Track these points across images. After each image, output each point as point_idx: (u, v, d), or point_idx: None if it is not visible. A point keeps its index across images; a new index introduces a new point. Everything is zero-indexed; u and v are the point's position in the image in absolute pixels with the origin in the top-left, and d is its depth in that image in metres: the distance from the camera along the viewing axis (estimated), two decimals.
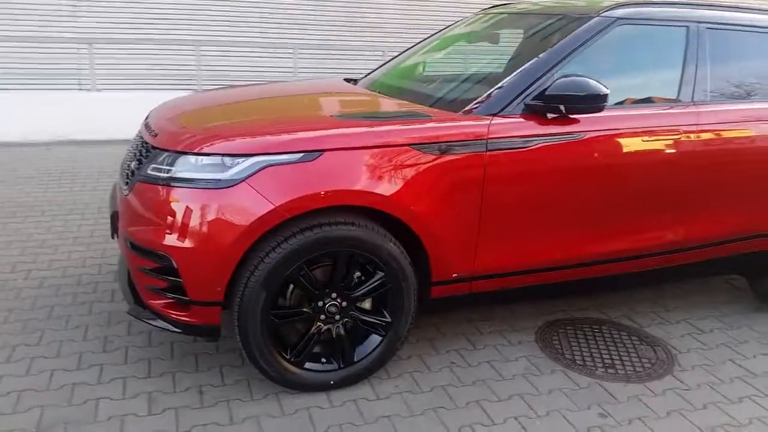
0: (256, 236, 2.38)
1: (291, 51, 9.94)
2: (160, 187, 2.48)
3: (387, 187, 2.50)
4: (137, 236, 2.52)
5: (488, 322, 3.40)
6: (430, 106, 2.86)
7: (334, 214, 2.47)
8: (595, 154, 2.83)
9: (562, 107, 2.65)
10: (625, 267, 3.10)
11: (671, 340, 3.31)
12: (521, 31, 3.28)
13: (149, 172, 2.54)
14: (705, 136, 3.04)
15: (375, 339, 2.71)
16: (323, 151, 2.44)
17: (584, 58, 2.86)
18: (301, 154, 2.42)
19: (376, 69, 4.04)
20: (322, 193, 2.41)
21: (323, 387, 2.67)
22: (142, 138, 2.83)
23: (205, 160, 2.44)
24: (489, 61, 3.22)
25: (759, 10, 3.42)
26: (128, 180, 2.68)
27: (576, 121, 2.76)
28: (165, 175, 2.48)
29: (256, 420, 2.50)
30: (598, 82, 2.63)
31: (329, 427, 2.48)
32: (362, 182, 2.47)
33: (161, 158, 2.52)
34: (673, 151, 2.98)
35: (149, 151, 2.62)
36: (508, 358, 3.06)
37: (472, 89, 2.92)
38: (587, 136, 2.80)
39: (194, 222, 2.38)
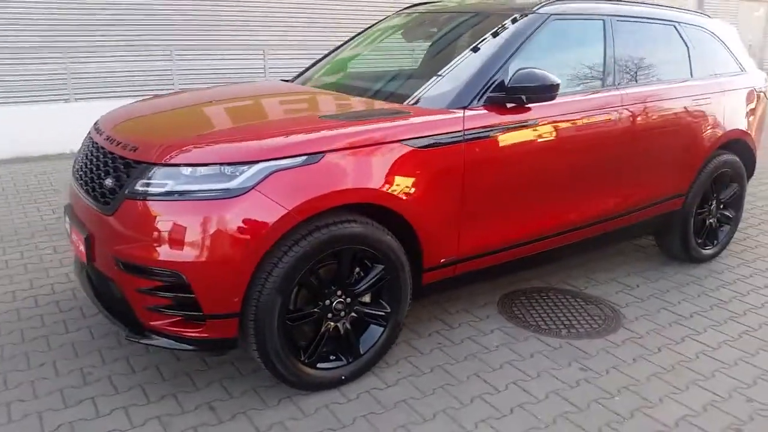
0: (271, 242, 2.39)
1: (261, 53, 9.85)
2: (156, 203, 2.39)
3: (384, 183, 2.61)
4: (133, 256, 2.41)
5: (453, 303, 3.62)
6: (402, 103, 3.00)
7: (338, 213, 2.54)
8: (549, 137, 3.14)
9: (523, 97, 2.92)
10: (575, 236, 3.46)
11: (609, 298, 3.75)
12: (457, 28, 3.51)
13: (138, 188, 2.43)
14: (627, 113, 3.48)
15: (377, 330, 2.81)
16: (324, 152, 2.50)
17: (527, 52, 3.15)
18: (305, 157, 2.46)
19: (310, 68, 4.10)
20: (329, 193, 2.48)
21: (335, 383, 2.73)
22: (105, 151, 2.69)
23: (203, 170, 2.40)
24: (435, 57, 3.40)
25: (649, 3, 3.96)
26: (107, 199, 2.54)
27: (529, 109, 3.05)
28: (160, 190, 2.40)
29: (282, 425, 2.51)
30: (549, 73, 2.93)
31: (354, 419, 2.55)
32: (363, 180, 2.57)
33: (151, 173, 2.43)
34: (607, 128, 3.39)
35: (131, 167, 2.50)
36: (484, 331, 3.30)
37: (436, 85, 3.09)
38: (540, 122, 3.10)
39: (205, 234, 2.34)
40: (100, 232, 2.57)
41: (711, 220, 4.27)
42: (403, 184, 2.66)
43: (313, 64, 4.16)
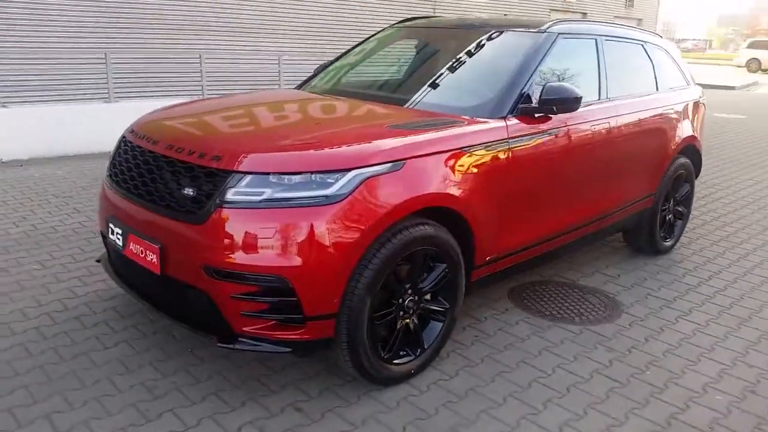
0: (366, 245, 2.52)
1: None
2: (255, 211, 2.45)
3: (452, 187, 2.82)
4: (230, 263, 2.45)
5: (470, 298, 3.86)
6: (453, 113, 3.21)
7: (414, 216, 2.72)
8: (570, 144, 3.50)
9: (555, 108, 3.24)
10: (582, 232, 3.84)
11: (601, 287, 4.17)
12: (474, 41, 3.78)
13: (231, 197, 2.47)
14: (621, 122, 3.93)
15: (437, 325, 3.00)
16: (405, 159, 2.66)
17: (543, 67, 3.48)
18: (391, 164, 2.61)
19: (314, 76, 4.20)
20: (413, 198, 2.65)
21: (406, 377, 2.89)
22: (171, 160, 2.68)
23: (298, 178, 2.49)
24: (463, 69, 3.64)
25: (626, 25, 4.45)
26: (191, 208, 2.55)
27: (550, 119, 3.37)
28: (258, 198, 2.46)
29: (374, 419, 2.63)
30: (574, 86, 3.27)
31: (437, 408, 2.73)
32: (437, 185, 2.77)
33: (244, 182, 2.48)
34: (607, 135, 3.80)
35: (217, 176, 2.53)
36: (510, 323, 3.58)
37: (474, 97, 3.34)
38: (563, 130, 3.44)
39: (309, 239, 2.43)
40: (182, 241, 2.57)
41: (669, 216, 4.83)
42: (463, 188, 2.88)
43: (317, 72, 4.27)
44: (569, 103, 3.23)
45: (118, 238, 2.87)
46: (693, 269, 4.58)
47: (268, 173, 2.49)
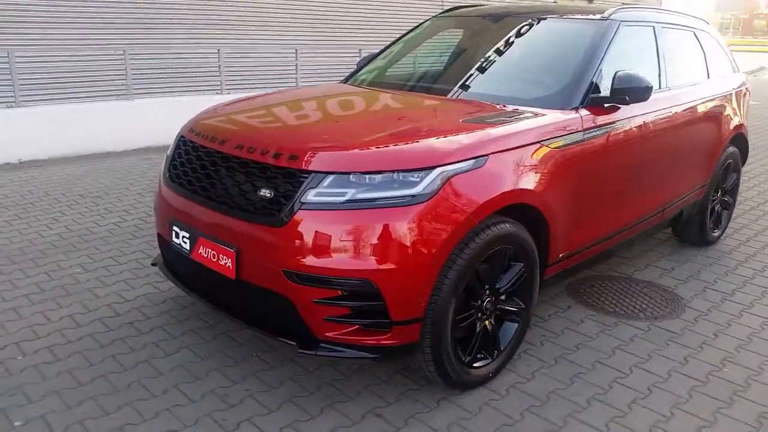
0: (453, 245, 2.42)
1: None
2: (340, 212, 2.35)
3: (532, 182, 2.72)
4: (313, 267, 2.35)
5: None
6: (515, 104, 3.10)
7: (497, 214, 2.61)
8: (638, 135, 3.39)
9: (627, 98, 3.12)
10: (645, 225, 3.74)
11: (658, 281, 4.08)
12: (531, 30, 3.66)
13: (313, 198, 2.37)
14: (681, 111, 3.82)
15: (512, 326, 2.91)
16: (488, 155, 2.56)
17: (608, 56, 3.37)
18: (473, 161, 2.50)
19: (360, 69, 4.09)
20: (497, 195, 2.55)
21: (484, 381, 2.80)
22: (242, 161, 2.57)
23: (380, 177, 2.38)
24: (524, 59, 3.52)
25: (677, 12, 4.33)
26: (269, 210, 2.44)
27: (618, 108, 3.26)
28: (341, 198, 2.35)
29: (459, 424, 2.54)
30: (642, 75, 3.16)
31: (522, 413, 2.63)
32: (518, 181, 2.66)
33: (326, 182, 2.37)
34: (669, 124, 3.70)
35: (296, 176, 2.41)
36: (575, 320, 3.49)
37: (543, 88, 3.23)
38: (631, 121, 3.33)
39: (396, 241, 2.32)
40: (260, 245, 2.46)
41: (717, 207, 4.74)
42: (542, 183, 2.78)
43: (363, 65, 4.15)
44: (641, 92, 3.11)
45: (185, 242, 2.76)
46: (744, 260, 4.49)
47: (349, 173, 2.38)
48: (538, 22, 3.65)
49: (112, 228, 4.76)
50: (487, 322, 2.77)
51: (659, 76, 3.76)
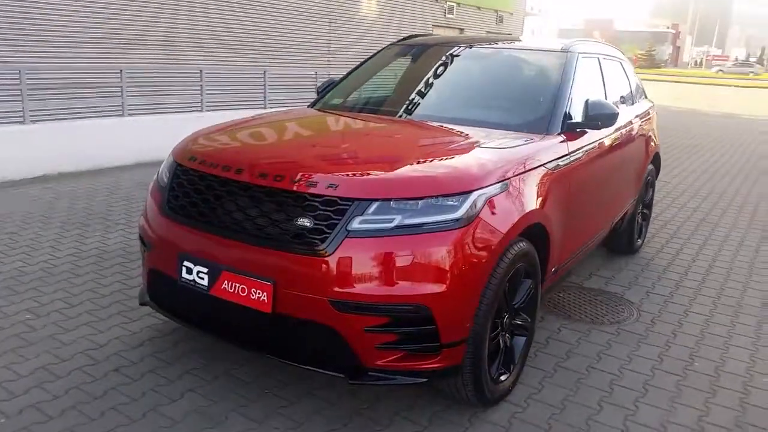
0: (492, 266, 2.52)
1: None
2: (389, 239, 2.36)
3: (540, 203, 2.90)
4: (365, 295, 2.34)
5: None
6: (505, 130, 3.27)
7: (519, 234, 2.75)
8: (601, 154, 3.71)
9: (599, 123, 3.42)
10: (602, 237, 4.08)
11: (606, 288, 4.45)
12: (506, 61, 3.90)
13: (360, 226, 2.37)
14: (625, 132, 4.25)
15: (521, 339, 3.05)
16: (509, 179, 2.70)
17: (575, 84, 3.67)
18: (500, 184, 2.63)
19: (324, 95, 4.10)
20: (523, 216, 2.69)
21: (506, 395, 2.91)
22: (270, 189, 2.51)
23: (423, 203, 2.43)
24: (505, 88, 3.72)
25: (608, 44, 4.80)
26: (311, 240, 2.40)
27: (586, 132, 3.56)
28: (389, 225, 2.37)
29: None
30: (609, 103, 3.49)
31: (548, 422, 2.77)
32: (534, 202, 2.83)
33: (371, 209, 2.39)
34: (619, 145, 4.09)
35: (337, 204, 2.40)
36: (553, 330, 3.71)
37: (525, 114, 3.44)
38: (597, 143, 3.65)
39: (446, 264, 2.38)
40: (302, 276, 2.40)
41: (638, 218, 5.26)
42: (545, 203, 2.97)
43: (325, 90, 4.16)
44: (611, 118, 3.43)
45: (200, 278, 2.62)
46: (668, 265, 5.01)
47: (391, 199, 2.41)
48: (507, 53, 3.89)
49: (46, 267, 4.33)
50: (507, 338, 2.89)
51: (605, 96, 4.14)
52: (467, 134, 3.18)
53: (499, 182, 2.62)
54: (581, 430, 2.73)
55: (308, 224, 2.42)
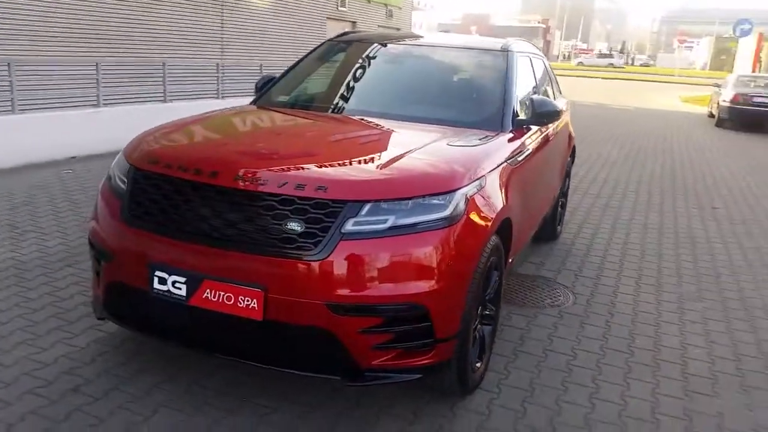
0: (477, 262, 2.61)
1: None
2: (384, 240, 2.37)
3: (506, 198, 3.01)
4: (363, 297, 2.35)
5: None
6: (463, 128, 3.36)
7: None
8: (542, 147, 3.91)
9: (545, 120, 3.61)
10: (541, 226, 4.31)
11: (540, 274, 4.70)
12: (449, 60, 3.98)
13: (353, 228, 2.36)
14: (556, 124, 4.49)
15: (488, 329, 3.17)
16: (484, 176, 2.79)
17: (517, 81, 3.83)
18: (478, 181, 2.71)
19: (265, 92, 3.99)
20: (499, 212, 2.80)
21: (480, 382, 3.01)
22: (254, 194, 2.43)
23: (412, 203, 2.46)
24: (454, 86, 3.79)
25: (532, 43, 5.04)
26: (303, 244, 2.35)
27: (530, 129, 3.74)
28: (383, 226, 2.38)
29: (483, 427, 2.72)
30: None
31: (523, 406, 2.91)
32: (503, 198, 2.93)
33: (364, 211, 2.38)
34: (553, 137, 4.33)
35: (328, 207, 2.37)
36: (505, 317, 3.87)
37: (478, 111, 3.54)
38: (540, 138, 3.84)
39: (439, 262, 2.43)
40: (295, 281, 2.36)
41: (559, 207, 5.59)
42: (509, 198, 3.09)
43: (266, 88, 4.05)
44: (556, 114, 3.62)
45: (177, 288, 2.48)
46: (587, 249, 5.38)
47: (382, 200, 2.42)
48: (454, 52, 3.98)
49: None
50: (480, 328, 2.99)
51: (539, 92, 4.36)
52: (434, 133, 3.22)
53: (477, 180, 2.70)
54: (554, 411, 2.89)
55: (298, 228, 2.37)
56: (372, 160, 2.71)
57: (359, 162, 2.71)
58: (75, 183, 6.68)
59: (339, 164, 2.67)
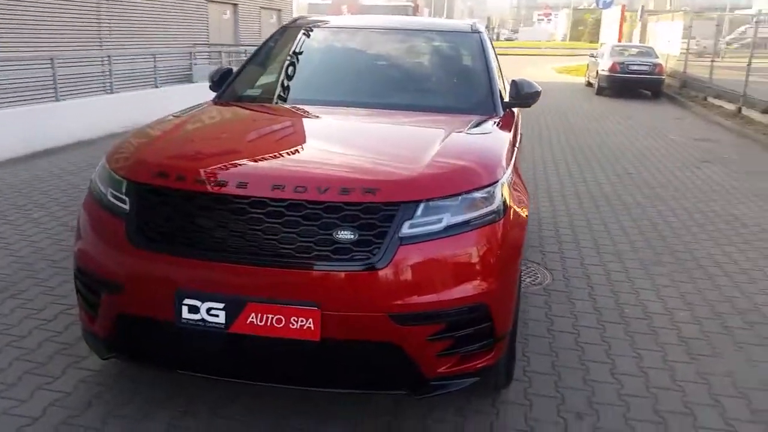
0: (521, 251, 2.55)
1: None
2: (441, 241, 2.24)
3: (521, 181, 2.98)
4: (426, 303, 2.21)
5: None
6: (458, 113, 3.26)
7: None
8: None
9: (529, 102, 3.60)
10: None
11: None
12: (421, 44, 3.85)
13: (410, 231, 2.21)
14: None
15: None
16: (512, 163, 2.74)
17: None
18: (509, 170, 2.66)
19: (227, 86, 3.67)
20: (525, 197, 2.77)
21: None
22: (294, 203, 2.20)
23: (459, 199, 2.35)
24: (434, 71, 3.66)
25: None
26: (358, 253, 2.17)
27: (513, 110, 3.72)
28: (440, 226, 2.25)
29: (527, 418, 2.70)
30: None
31: (556, 388, 2.92)
32: (521, 184, 2.90)
33: (418, 212, 2.24)
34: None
35: (381, 210, 2.20)
36: None
37: (468, 96, 3.46)
38: (518, 119, 3.84)
39: (497, 258, 2.34)
40: (354, 293, 2.17)
41: None
42: (521, 180, 3.05)
43: (227, 81, 3.72)
44: (537, 95, 3.62)
45: (213, 316, 2.21)
46: (539, 224, 5.52)
47: (433, 198, 2.28)
48: (425, 35, 3.86)
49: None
50: None
51: (500, 77, 4.35)
52: (441, 122, 3.10)
53: (509, 168, 2.63)
54: (588, 392, 2.92)
55: (351, 236, 2.18)
56: (409, 155, 2.55)
57: (397, 158, 2.54)
58: None
59: (377, 163, 2.49)
